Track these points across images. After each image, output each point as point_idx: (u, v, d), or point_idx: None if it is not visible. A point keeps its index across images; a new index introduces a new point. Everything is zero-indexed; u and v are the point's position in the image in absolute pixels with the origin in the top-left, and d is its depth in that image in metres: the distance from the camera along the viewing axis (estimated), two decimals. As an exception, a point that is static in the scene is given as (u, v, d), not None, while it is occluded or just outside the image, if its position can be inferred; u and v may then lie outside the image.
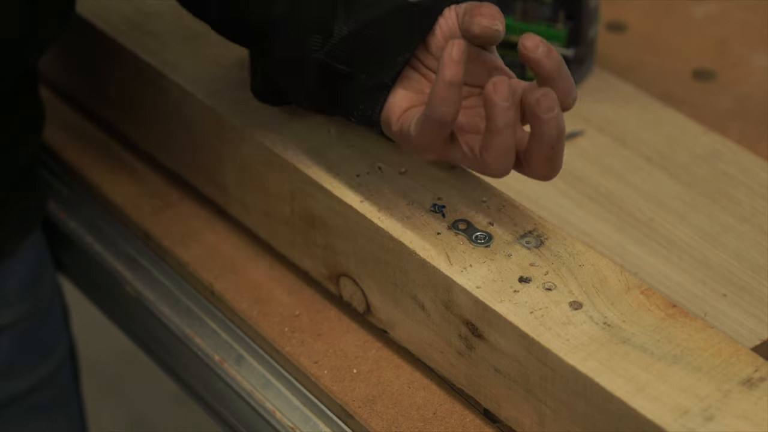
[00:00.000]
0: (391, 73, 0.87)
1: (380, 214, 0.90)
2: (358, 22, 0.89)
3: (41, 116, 1.08)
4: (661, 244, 1.00)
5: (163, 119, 1.08)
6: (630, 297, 0.83)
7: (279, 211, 0.99)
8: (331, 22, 0.90)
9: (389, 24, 0.89)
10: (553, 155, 0.83)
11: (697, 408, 0.76)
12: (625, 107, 1.16)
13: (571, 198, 1.05)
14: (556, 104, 0.81)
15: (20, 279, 1.10)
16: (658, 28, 1.30)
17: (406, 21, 0.88)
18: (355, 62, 0.89)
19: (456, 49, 0.81)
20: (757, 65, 1.24)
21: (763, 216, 1.03)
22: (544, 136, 0.82)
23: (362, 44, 0.89)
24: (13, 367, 1.12)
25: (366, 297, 0.94)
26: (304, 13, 0.91)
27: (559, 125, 0.82)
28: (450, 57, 0.81)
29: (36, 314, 1.13)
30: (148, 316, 1.05)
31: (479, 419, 0.89)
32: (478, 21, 0.83)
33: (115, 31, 1.10)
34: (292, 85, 0.93)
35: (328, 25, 0.90)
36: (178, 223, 1.07)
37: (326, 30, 0.90)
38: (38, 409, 1.15)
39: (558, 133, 0.82)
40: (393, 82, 0.87)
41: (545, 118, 0.81)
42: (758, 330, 0.92)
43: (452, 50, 0.81)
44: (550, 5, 1.15)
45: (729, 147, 1.11)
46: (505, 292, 0.84)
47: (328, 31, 0.89)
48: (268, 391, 0.96)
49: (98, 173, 1.13)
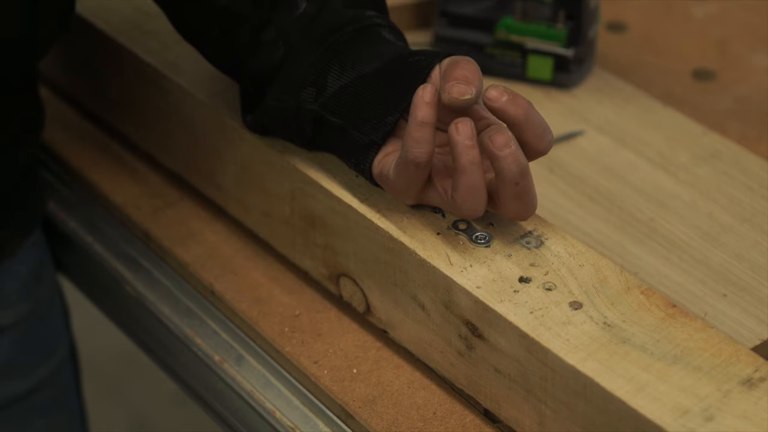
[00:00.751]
0: (381, 133, 0.89)
1: (380, 214, 0.90)
2: (350, 77, 0.90)
3: (41, 116, 1.08)
4: (661, 244, 1.00)
5: (163, 119, 1.08)
6: (630, 297, 0.83)
7: (279, 211, 0.99)
8: (325, 76, 0.91)
9: (380, 81, 0.90)
10: (521, 192, 0.84)
11: (697, 408, 0.76)
12: (625, 107, 1.16)
13: (571, 198, 1.05)
14: (511, 141, 0.83)
15: (20, 279, 1.10)
16: (658, 28, 1.30)
17: (396, 79, 0.89)
18: (347, 117, 0.90)
19: (428, 91, 0.84)
20: (757, 65, 1.24)
21: (763, 216, 1.03)
22: (504, 172, 0.83)
23: (354, 100, 0.90)
24: (14, 367, 1.12)
25: (366, 297, 0.94)
26: (299, 66, 0.92)
27: (519, 161, 0.83)
28: (422, 99, 0.84)
29: (36, 314, 1.13)
30: (148, 316, 1.05)
31: (479, 419, 0.89)
32: (448, 89, 0.84)
33: (115, 31, 1.10)
34: (286, 130, 0.94)
35: (321, 78, 0.91)
36: (178, 224, 1.07)
37: (320, 83, 0.91)
38: (39, 410, 1.15)
39: (519, 169, 0.83)
40: (383, 140, 0.89)
41: (501, 155, 0.83)
42: (758, 330, 0.92)
43: (424, 93, 0.84)
44: (550, 5, 1.16)
45: (729, 147, 1.11)
46: (505, 292, 0.84)
47: (322, 84, 0.91)
48: (268, 391, 0.96)
49: (98, 173, 1.13)
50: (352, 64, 0.90)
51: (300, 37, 0.92)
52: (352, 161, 0.91)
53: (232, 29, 0.93)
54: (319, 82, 0.91)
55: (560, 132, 1.12)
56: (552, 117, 1.14)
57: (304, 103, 0.91)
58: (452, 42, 1.20)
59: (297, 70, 0.92)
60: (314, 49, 0.91)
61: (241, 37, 0.93)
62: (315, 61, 0.91)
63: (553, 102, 1.17)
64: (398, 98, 0.88)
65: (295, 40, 0.92)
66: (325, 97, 0.91)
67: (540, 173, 1.07)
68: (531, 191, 0.85)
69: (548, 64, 1.17)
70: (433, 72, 0.88)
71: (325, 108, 0.91)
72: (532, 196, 0.85)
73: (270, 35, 0.93)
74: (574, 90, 1.18)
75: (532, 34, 1.17)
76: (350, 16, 0.92)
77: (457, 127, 0.83)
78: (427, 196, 0.88)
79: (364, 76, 0.90)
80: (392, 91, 0.89)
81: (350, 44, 0.91)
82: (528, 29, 1.17)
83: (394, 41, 0.93)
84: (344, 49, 0.91)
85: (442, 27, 1.20)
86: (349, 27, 0.92)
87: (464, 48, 1.19)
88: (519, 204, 0.85)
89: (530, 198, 0.85)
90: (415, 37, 1.25)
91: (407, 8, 1.26)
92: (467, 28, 1.19)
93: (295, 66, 0.92)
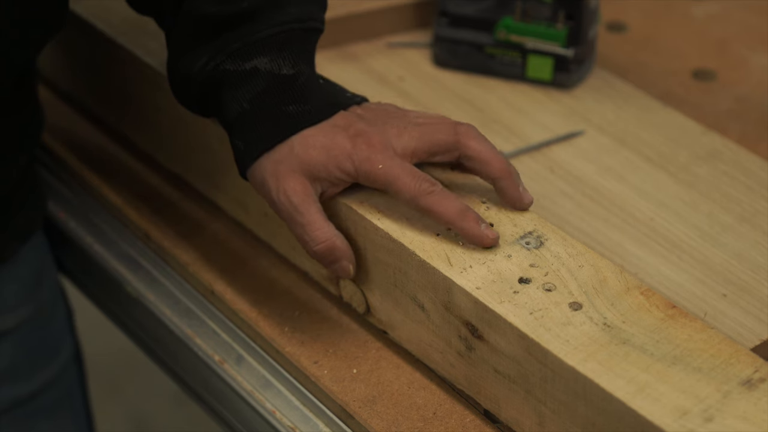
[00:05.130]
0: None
1: (380, 215, 0.90)
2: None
3: (40, 117, 1.08)
4: (661, 244, 1.00)
5: (162, 119, 1.08)
6: (630, 298, 0.83)
7: (279, 212, 0.99)
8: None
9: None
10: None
11: (697, 409, 0.76)
12: (625, 107, 1.16)
13: (571, 198, 1.05)
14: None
15: (22, 282, 1.10)
16: (658, 28, 1.30)
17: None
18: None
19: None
20: (757, 65, 1.24)
21: (763, 216, 1.03)
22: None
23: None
24: (17, 370, 1.11)
25: (366, 298, 0.94)
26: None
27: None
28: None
29: (39, 317, 1.13)
30: (148, 316, 1.05)
31: (479, 419, 0.89)
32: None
33: (115, 31, 1.10)
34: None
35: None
36: (178, 224, 1.07)
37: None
38: (43, 412, 1.15)
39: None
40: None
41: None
42: (758, 330, 0.92)
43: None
44: (550, 5, 1.16)
45: (729, 147, 1.11)
46: (504, 293, 0.84)
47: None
48: (268, 391, 0.96)
49: (98, 173, 1.13)
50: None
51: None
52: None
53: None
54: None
55: (560, 132, 1.12)
56: (552, 117, 1.15)
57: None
58: (452, 42, 1.20)
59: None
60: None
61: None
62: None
63: (553, 102, 1.17)
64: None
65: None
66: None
67: (540, 173, 1.07)
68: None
69: (548, 64, 1.17)
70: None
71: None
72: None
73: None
74: (574, 90, 1.18)
75: (532, 34, 1.17)
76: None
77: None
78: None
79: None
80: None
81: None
82: (528, 29, 1.17)
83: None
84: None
85: (442, 27, 1.20)
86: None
87: (464, 48, 1.19)
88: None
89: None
90: (415, 37, 1.25)
91: (407, 8, 1.26)
92: (467, 28, 1.19)
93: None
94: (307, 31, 0.92)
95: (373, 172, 0.88)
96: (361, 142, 0.88)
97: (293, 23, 0.91)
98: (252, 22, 0.90)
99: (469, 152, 0.89)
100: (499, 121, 1.14)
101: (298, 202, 0.88)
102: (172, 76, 0.95)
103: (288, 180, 0.88)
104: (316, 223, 0.88)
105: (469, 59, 1.20)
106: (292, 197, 0.88)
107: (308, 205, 0.88)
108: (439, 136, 0.89)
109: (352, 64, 1.20)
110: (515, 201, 0.89)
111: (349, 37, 1.23)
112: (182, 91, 0.94)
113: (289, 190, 0.88)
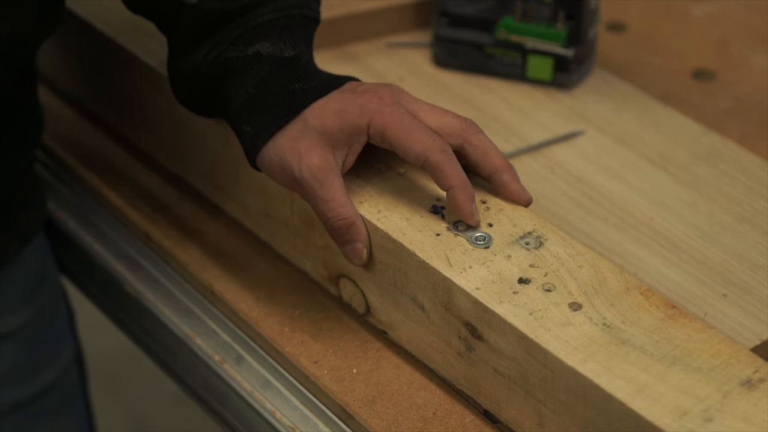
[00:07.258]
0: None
1: (380, 215, 0.90)
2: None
3: (40, 117, 1.08)
4: (661, 244, 1.00)
5: (162, 120, 1.08)
6: (629, 298, 0.83)
7: (279, 213, 0.99)
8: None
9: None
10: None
11: (697, 409, 0.76)
12: (625, 107, 1.16)
13: (571, 198, 1.05)
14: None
15: (23, 285, 1.10)
16: (658, 28, 1.30)
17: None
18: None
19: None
20: (757, 65, 1.24)
21: (763, 216, 1.03)
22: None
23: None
24: (18, 372, 1.11)
25: (366, 298, 0.94)
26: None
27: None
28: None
29: (40, 319, 1.12)
30: (148, 316, 1.05)
31: (479, 420, 0.89)
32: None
33: (115, 31, 1.10)
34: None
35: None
36: (178, 223, 1.07)
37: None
38: (44, 414, 1.14)
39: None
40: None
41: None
42: (758, 330, 0.92)
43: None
44: (550, 5, 1.16)
45: (729, 147, 1.11)
46: (504, 294, 0.84)
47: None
48: (268, 391, 0.96)
49: (98, 173, 1.13)
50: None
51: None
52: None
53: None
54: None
55: (560, 132, 1.12)
56: (552, 117, 1.15)
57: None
58: (452, 42, 1.20)
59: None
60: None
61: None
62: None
63: (553, 102, 1.17)
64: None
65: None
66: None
67: (540, 173, 1.07)
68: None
69: (548, 64, 1.17)
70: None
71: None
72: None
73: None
74: (574, 90, 1.18)
75: (532, 34, 1.17)
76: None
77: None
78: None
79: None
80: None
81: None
82: (528, 29, 1.17)
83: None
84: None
85: (442, 27, 1.20)
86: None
87: (464, 48, 1.19)
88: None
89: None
90: (415, 37, 1.25)
91: (407, 8, 1.26)
92: (467, 28, 1.19)
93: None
94: (306, 18, 0.93)
95: (384, 122, 0.87)
96: (371, 96, 0.88)
97: (292, 9, 0.92)
98: (252, 12, 0.91)
99: (475, 141, 0.89)
100: (499, 121, 1.14)
101: (323, 178, 0.87)
102: (173, 75, 0.95)
103: (311, 155, 0.88)
104: (340, 200, 0.88)
105: (469, 59, 1.20)
106: (317, 173, 0.87)
107: (332, 180, 0.88)
108: (449, 117, 0.90)
109: (352, 64, 1.20)
110: (517, 193, 0.89)
111: (349, 37, 1.23)
112: (184, 89, 0.94)
113: (313, 165, 0.87)
